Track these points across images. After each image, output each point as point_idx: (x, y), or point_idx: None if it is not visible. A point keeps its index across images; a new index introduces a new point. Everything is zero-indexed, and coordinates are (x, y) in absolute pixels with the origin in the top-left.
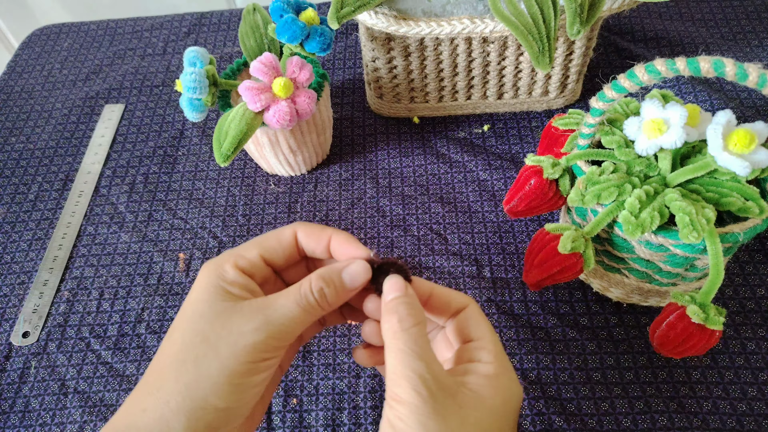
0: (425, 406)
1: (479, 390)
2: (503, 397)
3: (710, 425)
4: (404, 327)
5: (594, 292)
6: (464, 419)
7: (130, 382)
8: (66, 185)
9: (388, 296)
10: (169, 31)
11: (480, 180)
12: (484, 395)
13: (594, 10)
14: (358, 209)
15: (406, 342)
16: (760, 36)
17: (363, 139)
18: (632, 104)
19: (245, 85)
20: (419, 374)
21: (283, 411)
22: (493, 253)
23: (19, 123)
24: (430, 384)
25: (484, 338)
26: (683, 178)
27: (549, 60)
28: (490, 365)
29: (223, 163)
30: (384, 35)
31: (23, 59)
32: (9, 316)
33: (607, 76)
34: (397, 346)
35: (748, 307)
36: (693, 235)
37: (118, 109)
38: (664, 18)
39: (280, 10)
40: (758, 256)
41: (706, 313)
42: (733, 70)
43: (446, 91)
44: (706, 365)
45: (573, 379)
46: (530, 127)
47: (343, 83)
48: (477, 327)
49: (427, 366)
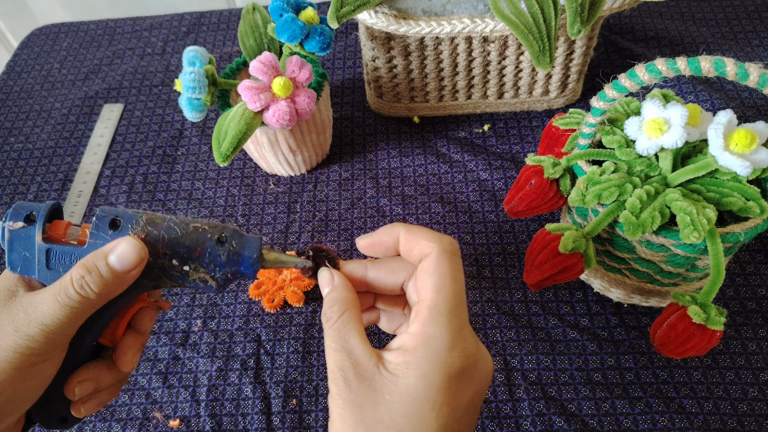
0: (341, 397)
1: (395, 369)
2: (417, 374)
3: (711, 426)
4: (330, 324)
5: (595, 292)
6: (377, 405)
7: (129, 382)
8: (65, 185)
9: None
10: (169, 31)
11: (480, 180)
12: (397, 374)
13: (594, 10)
14: (358, 209)
15: (331, 337)
16: (760, 35)
17: (363, 138)
18: (633, 104)
19: (245, 85)
20: (339, 366)
21: (282, 412)
22: (494, 253)
23: (18, 123)
24: (347, 373)
25: (422, 299)
26: (684, 178)
27: (549, 59)
28: (411, 337)
29: (223, 163)
30: (384, 34)
31: (22, 59)
32: None
33: (607, 75)
34: (326, 343)
35: (749, 308)
36: (694, 235)
37: (117, 108)
38: (664, 17)
39: (279, 10)
40: (759, 256)
41: (707, 314)
42: (733, 70)
43: (446, 90)
44: (707, 366)
45: (574, 379)
46: (531, 127)
47: (343, 83)
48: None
49: (347, 355)
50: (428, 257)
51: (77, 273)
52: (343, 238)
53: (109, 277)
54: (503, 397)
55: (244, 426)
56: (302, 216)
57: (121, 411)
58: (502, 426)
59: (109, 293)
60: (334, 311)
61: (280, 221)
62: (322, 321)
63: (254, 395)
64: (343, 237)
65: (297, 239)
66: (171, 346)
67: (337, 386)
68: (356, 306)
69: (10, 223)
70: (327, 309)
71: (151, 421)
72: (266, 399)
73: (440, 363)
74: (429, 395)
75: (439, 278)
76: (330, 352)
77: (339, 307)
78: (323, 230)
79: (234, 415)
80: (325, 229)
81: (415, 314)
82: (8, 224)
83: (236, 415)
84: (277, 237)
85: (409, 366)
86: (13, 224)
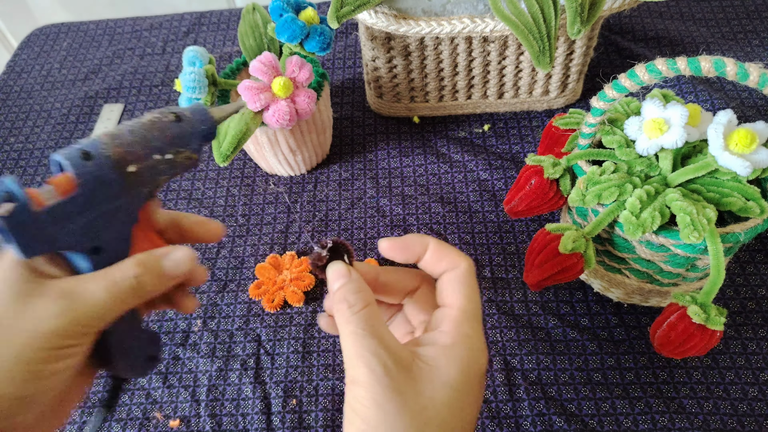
0: (379, 384)
1: (433, 362)
2: (459, 368)
3: (711, 426)
4: (354, 311)
5: (595, 292)
6: (419, 393)
7: (128, 381)
8: None
9: (334, 285)
10: (169, 31)
11: (480, 180)
12: (438, 366)
13: (594, 10)
14: (358, 209)
15: (358, 324)
16: (760, 35)
17: (363, 138)
18: (633, 104)
19: (245, 85)
20: (373, 351)
21: (282, 412)
22: (494, 253)
23: (19, 123)
24: (384, 359)
25: (453, 305)
26: (684, 178)
27: (549, 59)
28: (447, 334)
29: (223, 163)
30: (384, 34)
31: (22, 59)
32: None
33: (607, 75)
34: (349, 329)
35: (749, 308)
36: (694, 235)
37: (117, 108)
38: (664, 17)
39: (279, 10)
40: (759, 256)
41: (706, 314)
42: (733, 70)
43: (446, 90)
44: (707, 366)
45: (574, 379)
46: (531, 127)
47: (343, 83)
48: (452, 293)
49: (380, 342)
50: (457, 269)
51: (133, 270)
52: (343, 238)
53: (162, 278)
54: (503, 397)
55: (244, 426)
56: (302, 216)
57: (121, 411)
58: (502, 426)
59: (157, 292)
60: (359, 299)
61: (280, 221)
62: (340, 308)
63: (254, 395)
64: (343, 237)
65: (297, 239)
66: (171, 346)
67: (373, 372)
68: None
69: None
70: (350, 296)
71: (151, 421)
72: (266, 399)
73: (477, 360)
74: (468, 388)
75: (470, 289)
76: (356, 338)
77: (364, 296)
78: (323, 230)
79: (234, 415)
80: (325, 229)
81: (442, 317)
82: None
83: (236, 415)
84: (277, 237)
85: (450, 359)
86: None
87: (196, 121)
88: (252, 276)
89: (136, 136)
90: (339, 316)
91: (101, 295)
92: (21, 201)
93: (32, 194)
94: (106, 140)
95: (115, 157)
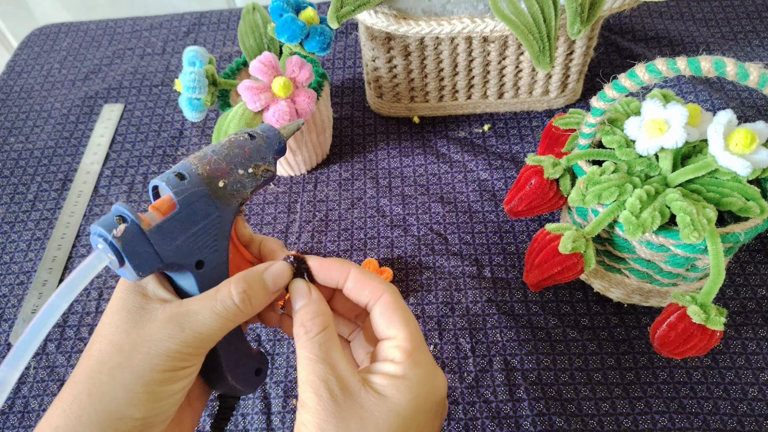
0: (324, 409)
1: (383, 390)
2: (410, 397)
3: (711, 426)
4: (310, 337)
5: (595, 292)
6: (364, 421)
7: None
8: (65, 185)
9: (296, 305)
10: (169, 31)
11: (480, 180)
12: (388, 396)
13: (594, 10)
14: (358, 209)
15: (312, 349)
16: (760, 35)
17: (363, 138)
18: (633, 104)
19: (245, 85)
20: (321, 378)
21: (282, 412)
22: (494, 253)
23: (18, 123)
24: (332, 386)
25: (397, 336)
26: (684, 178)
27: (549, 59)
28: (398, 366)
29: None
30: (384, 34)
31: (22, 59)
32: (8, 316)
33: (607, 75)
34: (303, 354)
35: (749, 308)
36: (694, 235)
37: (117, 108)
38: (664, 17)
39: (279, 10)
40: (759, 256)
41: (706, 314)
42: (733, 70)
43: (446, 90)
44: (707, 366)
45: (574, 379)
46: (531, 127)
47: (343, 83)
48: (390, 323)
49: (330, 369)
50: (384, 297)
51: (239, 287)
52: (343, 238)
53: (266, 293)
54: (503, 397)
55: (244, 426)
56: (302, 216)
57: None
58: (502, 426)
59: (261, 307)
60: (315, 324)
61: (280, 221)
62: (297, 333)
63: (254, 395)
64: (343, 237)
65: (297, 239)
66: None
67: (320, 398)
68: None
69: (114, 231)
70: (307, 320)
71: None
72: (266, 399)
73: (431, 386)
74: (418, 416)
75: (404, 313)
76: (308, 363)
77: (321, 320)
78: (323, 230)
79: (234, 415)
80: (325, 229)
81: (389, 347)
82: (114, 233)
83: (236, 415)
84: (277, 237)
85: (400, 388)
86: (117, 231)
87: (268, 138)
88: None
89: (219, 155)
90: (296, 340)
91: (208, 316)
92: (132, 222)
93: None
94: (194, 161)
95: (205, 175)
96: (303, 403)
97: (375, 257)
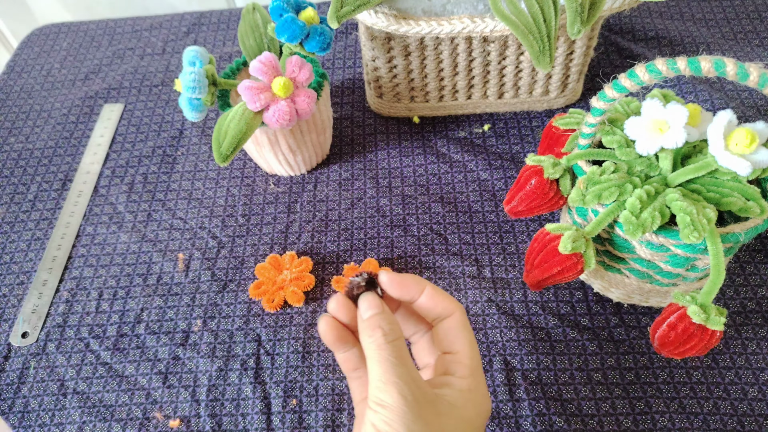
0: (410, 410)
1: (454, 401)
2: (476, 410)
3: (711, 426)
4: (388, 339)
5: (595, 292)
6: (443, 426)
7: (129, 382)
8: (65, 185)
9: (367, 313)
10: (169, 31)
11: (480, 180)
12: (457, 406)
13: (594, 10)
14: (358, 209)
15: (392, 352)
16: (760, 35)
17: (363, 138)
18: (633, 104)
19: (245, 85)
20: (405, 381)
21: (282, 412)
22: (494, 253)
23: (18, 123)
24: (414, 390)
25: (462, 352)
26: (684, 178)
27: (549, 59)
28: (465, 380)
29: (223, 163)
30: (384, 35)
31: (22, 59)
32: (8, 316)
33: (607, 75)
34: (383, 356)
35: (749, 308)
36: (694, 235)
37: (117, 108)
38: (664, 17)
39: (279, 10)
40: (759, 256)
41: (706, 314)
42: (734, 70)
43: (446, 90)
44: (707, 366)
45: (574, 379)
46: (531, 127)
47: (343, 83)
48: (456, 340)
49: (410, 374)
50: (456, 315)
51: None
52: (343, 238)
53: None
54: (503, 397)
55: (244, 426)
56: (302, 216)
57: (121, 411)
58: (502, 426)
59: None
60: (395, 330)
61: (280, 221)
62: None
63: (254, 395)
64: (343, 237)
65: (297, 239)
66: (171, 346)
67: (405, 399)
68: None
69: None
70: (386, 325)
71: (151, 421)
72: (266, 399)
73: (487, 406)
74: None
75: (471, 334)
76: (389, 366)
77: (396, 330)
78: (323, 230)
79: (234, 415)
80: (325, 229)
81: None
82: None
83: (236, 415)
84: (277, 237)
85: (468, 402)
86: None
87: None
88: (252, 276)
89: None
90: (372, 341)
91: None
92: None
93: None
94: None
95: None
96: (382, 402)
97: (375, 257)
